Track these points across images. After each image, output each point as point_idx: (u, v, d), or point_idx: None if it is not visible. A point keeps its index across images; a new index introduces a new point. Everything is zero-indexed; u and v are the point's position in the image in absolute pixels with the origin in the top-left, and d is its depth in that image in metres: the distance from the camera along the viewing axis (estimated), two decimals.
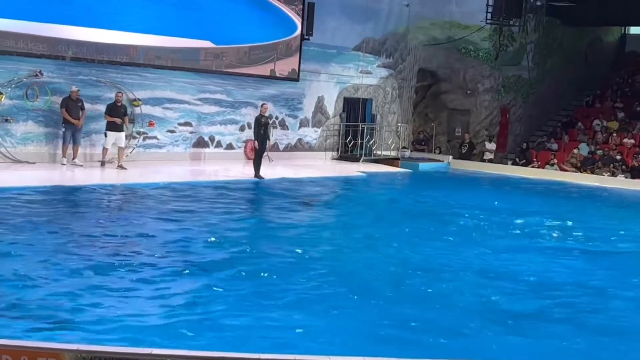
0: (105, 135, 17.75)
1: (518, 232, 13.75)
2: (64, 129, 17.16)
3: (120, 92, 18.11)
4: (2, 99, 16.62)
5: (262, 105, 19.10)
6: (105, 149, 17.85)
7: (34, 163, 17.07)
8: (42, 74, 17.27)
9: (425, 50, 28.07)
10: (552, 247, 12.44)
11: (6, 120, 16.82)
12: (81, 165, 17.36)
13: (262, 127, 18.38)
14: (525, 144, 27.45)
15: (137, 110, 19.26)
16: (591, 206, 18.63)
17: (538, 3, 28.14)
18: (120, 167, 17.74)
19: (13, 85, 16.91)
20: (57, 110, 17.29)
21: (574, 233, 13.95)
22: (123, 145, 18.00)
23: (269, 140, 19.44)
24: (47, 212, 12.02)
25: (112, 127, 17.67)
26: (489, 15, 26.06)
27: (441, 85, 28.59)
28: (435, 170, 25.03)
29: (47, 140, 17.44)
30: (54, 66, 17.58)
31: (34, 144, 17.42)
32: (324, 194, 17.58)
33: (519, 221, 14.62)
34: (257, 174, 18.07)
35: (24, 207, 12.25)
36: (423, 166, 24.95)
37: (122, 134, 17.89)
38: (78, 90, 17.33)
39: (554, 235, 13.59)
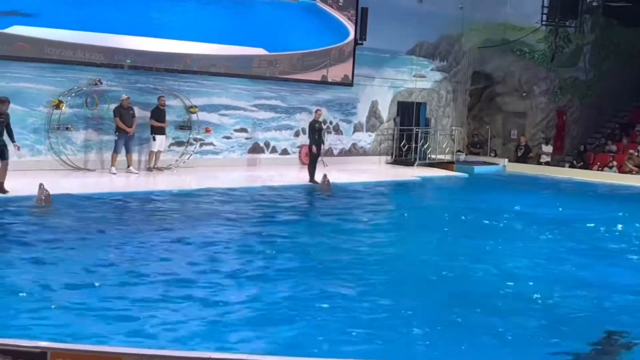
0: (154, 139, 18.04)
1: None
2: (116, 138, 17.44)
3: (162, 97, 18.32)
4: (63, 108, 16.98)
5: (316, 111, 19.26)
6: (152, 153, 18.14)
7: (94, 170, 17.39)
8: (101, 83, 17.60)
9: (479, 52, 27.88)
10: None
11: (67, 129, 17.18)
12: (137, 173, 17.60)
13: (316, 132, 18.51)
14: (582, 146, 27.04)
15: (194, 117, 19.49)
16: None
17: (594, 4, 27.68)
18: (157, 169, 18.12)
19: (73, 94, 17.27)
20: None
21: None
22: (163, 149, 18.33)
23: (323, 145, 19.48)
24: (129, 219, 12.43)
25: (159, 130, 17.97)
26: (545, 17, 25.78)
27: (496, 88, 28.32)
28: (490, 173, 24.76)
29: (106, 147, 17.74)
30: (113, 75, 17.92)
31: (94, 152, 17.76)
32: (386, 199, 17.56)
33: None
34: (311, 179, 18.13)
35: (92, 213, 12.56)
36: (478, 169, 24.73)
37: (164, 137, 18.21)
38: (128, 97, 17.59)
39: None
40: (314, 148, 18.40)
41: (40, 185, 12.73)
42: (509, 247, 11.85)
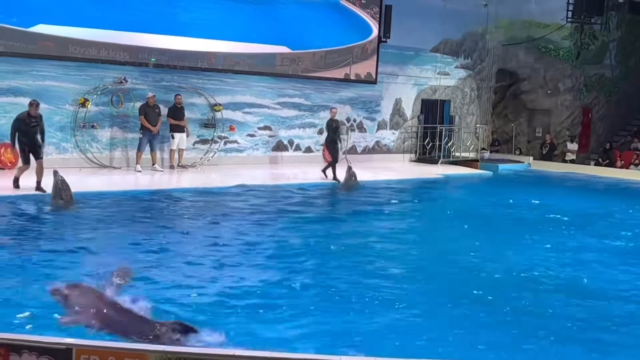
0: (172, 137, 18.13)
1: None
2: (141, 136, 17.55)
3: (179, 95, 18.38)
4: (89, 106, 17.11)
5: (331, 110, 19.32)
6: (172, 151, 18.23)
7: (119, 168, 17.52)
8: (126, 81, 17.72)
9: (504, 50, 27.74)
10: None
11: (92, 127, 17.32)
12: (161, 171, 17.70)
13: (333, 131, 18.59)
14: (608, 144, 26.83)
15: (218, 115, 19.57)
16: None
17: (620, 0, 27.44)
18: (181, 166, 18.19)
19: (99, 92, 17.41)
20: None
21: None
22: (184, 146, 18.40)
23: (341, 143, 19.48)
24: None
25: (176, 128, 18.05)
26: (570, 14, 25.60)
27: (521, 85, 28.17)
28: (515, 171, 24.62)
29: (132, 145, 17.85)
30: (138, 73, 18.04)
31: (119, 150, 17.89)
32: (414, 197, 17.52)
33: None
34: (334, 177, 18.13)
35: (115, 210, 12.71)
36: (503, 167, 24.61)
37: (184, 135, 18.27)
38: (154, 96, 17.69)
39: None
40: (332, 147, 18.55)
41: (55, 172, 12.80)
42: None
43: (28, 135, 13.40)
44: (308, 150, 21.96)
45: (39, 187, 13.36)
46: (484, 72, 27.54)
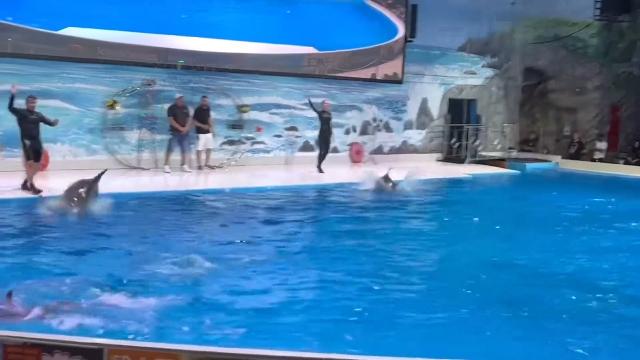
0: (197, 138, 18.25)
1: None
2: (170, 137, 17.69)
3: (206, 97, 18.50)
4: (118, 108, 17.28)
5: (323, 102, 19.56)
6: (199, 152, 18.36)
7: (148, 169, 17.67)
8: (155, 83, 17.87)
9: (531, 48, 27.56)
10: None
11: (121, 128, 17.49)
12: (189, 172, 17.82)
13: (324, 124, 19.16)
14: (637, 142, 26.51)
15: (245, 116, 19.67)
16: None
17: None
18: (209, 167, 18.35)
19: (127, 94, 17.58)
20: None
21: None
22: (211, 147, 18.51)
23: (332, 135, 19.89)
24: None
25: (201, 130, 18.19)
26: (598, 11, 25.39)
27: (548, 83, 27.97)
28: (543, 170, 24.46)
29: (160, 147, 18.00)
30: (166, 75, 18.19)
31: (148, 151, 18.04)
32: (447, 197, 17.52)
33: None
34: (319, 167, 19.12)
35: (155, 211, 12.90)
36: (530, 167, 24.45)
37: (210, 136, 18.38)
38: (182, 97, 17.81)
39: None
40: (322, 139, 19.32)
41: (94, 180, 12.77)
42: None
43: (30, 131, 13.44)
44: (334, 150, 21.98)
45: (25, 186, 13.30)
46: (511, 71, 27.40)
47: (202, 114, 18.27)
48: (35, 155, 13.54)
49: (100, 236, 10.53)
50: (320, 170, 19.13)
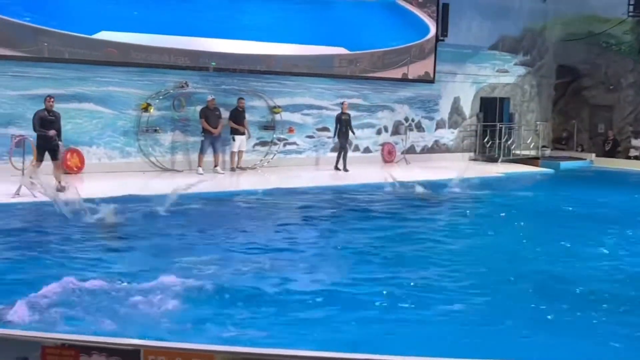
0: (233, 140, 18.36)
1: None
2: (203, 138, 17.83)
3: (242, 99, 18.62)
4: (151, 110, 17.45)
5: (342, 103, 19.78)
6: (233, 154, 18.47)
7: (181, 171, 17.82)
8: (187, 85, 18.02)
9: (564, 46, 27.34)
10: None
11: (155, 131, 17.66)
12: (222, 173, 17.92)
13: (343, 125, 19.44)
14: None
15: (277, 117, 19.76)
16: None
17: None
18: (240, 168, 18.47)
19: (161, 97, 17.75)
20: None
21: None
22: (244, 149, 18.63)
23: (354, 134, 20.23)
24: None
25: (237, 131, 18.32)
26: (631, 8, 25.13)
27: (582, 81, 27.73)
28: (577, 169, 24.23)
29: (193, 148, 18.15)
30: (198, 77, 18.33)
31: (181, 153, 18.20)
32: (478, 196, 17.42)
33: None
34: (337, 166, 19.60)
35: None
36: (564, 165, 24.24)
37: (245, 137, 18.51)
38: (214, 99, 17.94)
39: None
40: (340, 140, 19.61)
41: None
42: None
43: (49, 129, 13.62)
44: (367, 150, 22.01)
45: (60, 188, 13.42)
46: (544, 69, 27.21)
47: (238, 116, 18.39)
48: (52, 154, 13.76)
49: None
50: (345, 169, 19.44)
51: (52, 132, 13.55)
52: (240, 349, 3.61)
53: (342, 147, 19.69)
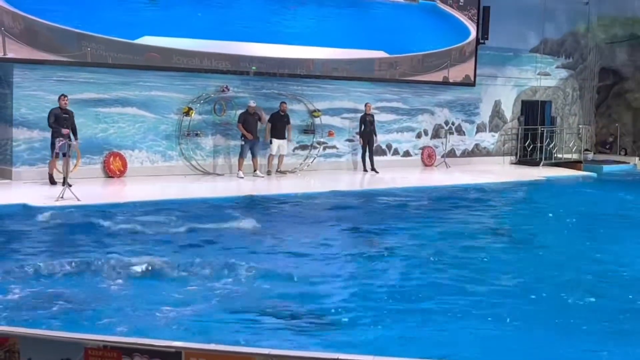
0: (270, 142, 18.43)
1: None
2: (242, 143, 17.94)
3: (284, 103, 18.69)
4: (193, 115, 17.61)
5: (366, 105, 19.86)
6: (271, 157, 18.53)
7: (222, 175, 17.96)
8: (228, 89, 18.16)
9: (606, 48, 27.04)
10: None
11: (196, 135, 17.81)
12: (262, 177, 18.01)
13: (367, 125, 19.68)
14: None
15: (317, 121, 19.82)
16: None
17: None
18: (280, 172, 18.54)
19: (202, 101, 17.90)
20: None
21: None
22: (285, 152, 18.69)
23: (376, 136, 20.28)
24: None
25: (275, 134, 18.37)
26: None
27: (625, 84, 27.37)
28: (621, 172, 23.90)
29: (234, 152, 18.27)
30: (239, 81, 18.45)
31: (222, 157, 18.34)
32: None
33: None
34: (365, 168, 19.88)
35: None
36: (607, 169, 23.95)
37: (285, 142, 18.54)
38: (255, 105, 18.02)
39: None
40: (362, 140, 19.89)
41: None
42: None
43: (64, 126, 14.51)
44: (406, 154, 21.96)
45: (65, 182, 13.55)
46: (586, 72, 26.92)
47: (280, 120, 18.48)
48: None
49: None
50: (374, 170, 19.67)
51: (65, 131, 14.39)
52: (278, 352, 3.65)
53: (365, 147, 19.89)
